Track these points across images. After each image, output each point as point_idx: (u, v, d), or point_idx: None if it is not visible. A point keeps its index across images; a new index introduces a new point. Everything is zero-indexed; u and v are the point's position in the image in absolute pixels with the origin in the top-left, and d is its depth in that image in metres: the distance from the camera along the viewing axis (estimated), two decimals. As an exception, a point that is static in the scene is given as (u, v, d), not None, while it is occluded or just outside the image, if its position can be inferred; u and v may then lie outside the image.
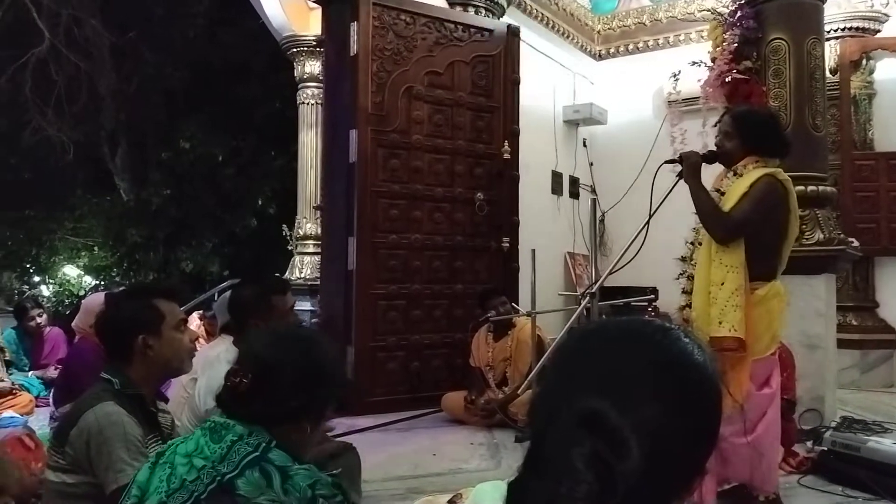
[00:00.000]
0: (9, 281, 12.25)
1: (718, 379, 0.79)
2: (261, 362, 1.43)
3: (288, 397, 1.40)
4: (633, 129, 6.53)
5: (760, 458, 2.64)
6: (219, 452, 1.34)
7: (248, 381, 1.40)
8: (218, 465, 1.32)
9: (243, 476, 1.30)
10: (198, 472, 1.32)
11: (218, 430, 1.38)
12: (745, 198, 2.64)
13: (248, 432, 1.36)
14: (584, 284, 6.17)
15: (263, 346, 1.48)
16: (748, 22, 4.27)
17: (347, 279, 4.61)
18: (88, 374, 3.59)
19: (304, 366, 1.44)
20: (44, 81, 10.08)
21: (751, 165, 2.73)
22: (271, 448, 1.35)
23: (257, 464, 1.32)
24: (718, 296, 2.61)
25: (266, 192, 11.05)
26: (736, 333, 2.56)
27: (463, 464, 3.48)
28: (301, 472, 1.34)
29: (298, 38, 6.55)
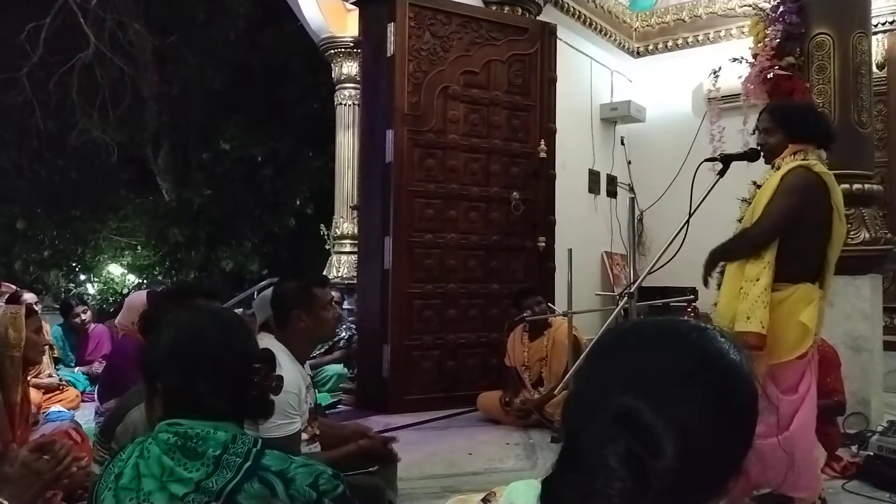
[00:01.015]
0: (55, 279, 12.57)
1: (754, 379, 0.79)
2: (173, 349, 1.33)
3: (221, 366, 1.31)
4: (672, 127, 6.45)
5: (789, 462, 2.55)
6: (203, 471, 1.21)
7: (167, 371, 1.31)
8: (209, 486, 1.20)
9: (242, 491, 1.20)
10: (185, 500, 1.19)
11: (190, 447, 1.23)
12: (775, 194, 2.58)
13: (231, 437, 1.25)
14: (621, 284, 6.10)
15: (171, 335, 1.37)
16: (791, 17, 4.18)
17: (383, 278, 4.64)
18: (131, 370, 3.69)
19: (216, 333, 1.35)
20: (89, 85, 10.34)
21: (788, 158, 2.67)
22: (263, 452, 1.26)
23: (254, 474, 1.22)
24: (751, 291, 2.56)
25: (304, 193, 11.18)
26: (762, 330, 2.51)
27: (498, 463, 3.47)
28: (300, 472, 1.26)
29: (336, 39, 6.61)
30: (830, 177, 2.65)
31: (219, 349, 1.32)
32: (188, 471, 1.21)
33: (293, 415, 2.23)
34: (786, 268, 2.58)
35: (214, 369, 1.30)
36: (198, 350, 1.32)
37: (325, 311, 2.49)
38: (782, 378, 2.60)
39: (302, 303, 2.42)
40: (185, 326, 1.38)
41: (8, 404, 2.55)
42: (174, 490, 1.20)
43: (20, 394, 2.65)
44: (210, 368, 1.30)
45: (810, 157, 2.65)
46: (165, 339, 1.35)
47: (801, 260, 2.62)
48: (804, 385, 2.64)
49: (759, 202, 2.64)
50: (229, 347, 1.34)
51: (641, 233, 6.40)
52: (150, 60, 11.55)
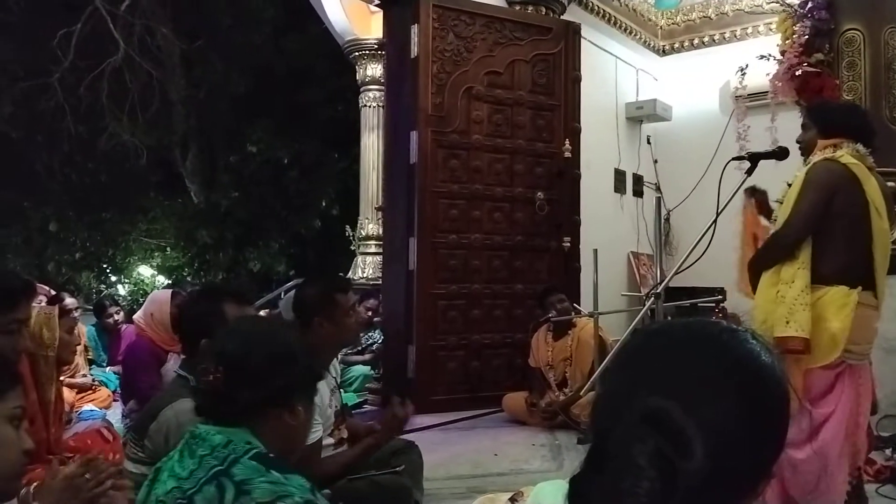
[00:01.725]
0: (87, 281, 12.80)
1: (786, 381, 0.78)
2: (229, 355, 1.41)
3: (266, 380, 1.37)
4: (698, 126, 6.39)
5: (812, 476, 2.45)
6: (188, 469, 1.28)
7: (220, 375, 1.36)
8: (184, 486, 1.26)
9: (201, 492, 1.24)
10: (168, 494, 1.28)
11: (191, 445, 1.32)
12: (800, 192, 2.51)
13: (225, 442, 1.30)
14: (648, 285, 6.05)
15: (227, 342, 1.46)
16: (820, 13, 4.13)
17: (408, 279, 4.65)
18: (143, 370, 3.75)
19: (275, 349, 1.43)
20: (119, 89, 10.51)
21: (819, 152, 2.63)
22: (240, 460, 1.27)
23: (216, 479, 1.24)
24: (787, 294, 2.46)
25: (329, 194, 11.26)
26: (803, 334, 2.41)
27: (524, 464, 3.47)
28: (262, 487, 1.23)
29: (360, 41, 6.66)
30: (861, 167, 2.52)
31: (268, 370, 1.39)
32: (182, 468, 1.29)
33: (314, 424, 2.24)
34: (819, 268, 2.48)
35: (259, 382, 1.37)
36: (293, 361, 1.42)
37: (347, 317, 2.46)
38: (811, 386, 2.49)
39: (324, 309, 2.40)
40: (241, 342, 1.45)
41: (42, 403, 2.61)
42: (168, 484, 1.28)
43: (54, 392, 2.71)
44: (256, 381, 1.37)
45: (841, 151, 2.58)
46: (224, 347, 1.44)
47: (835, 260, 2.49)
48: (833, 398, 2.49)
49: (788, 202, 2.57)
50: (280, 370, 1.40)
51: (668, 232, 6.34)
52: (177, 65, 11.72)
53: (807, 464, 2.44)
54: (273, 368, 1.38)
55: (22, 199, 12.07)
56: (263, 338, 1.47)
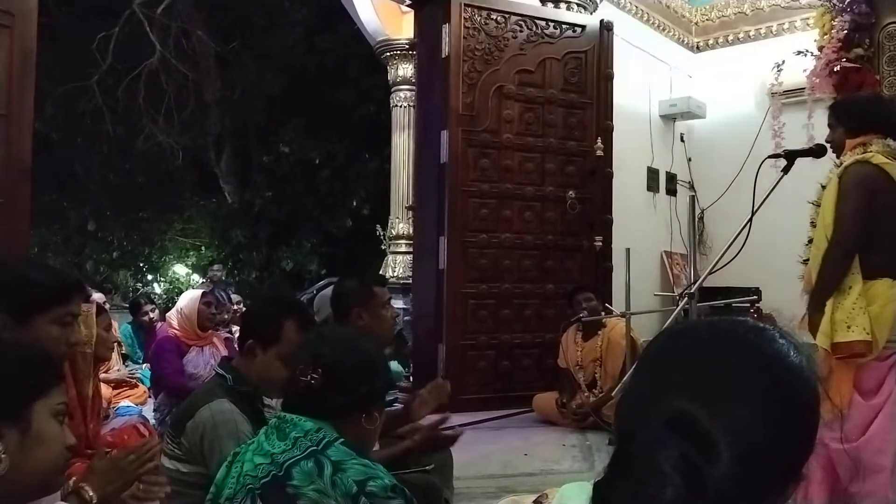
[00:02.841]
0: (124, 279, 13.07)
1: (817, 382, 0.76)
2: (327, 359, 1.52)
3: (355, 387, 1.50)
4: (733, 123, 6.29)
5: (862, 470, 2.46)
6: (281, 448, 1.40)
7: (318, 377, 1.48)
8: (278, 460, 1.38)
9: (298, 465, 1.36)
10: (256, 468, 1.39)
11: (283, 428, 1.45)
12: (838, 199, 2.51)
13: (316, 428, 1.43)
14: (681, 284, 5.98)
15: (324, 346, 1.58)
16: (860, 6, 4.03)
17: (438, 278, 4.66)
18: (166, 361, 3.99)
19: (362, 358, 1.56)
20: (155, 91, 10.69)
21: (849, 153, 2.59)
22: (333, 444, 1.40)
23: (313, 456, 1.37)
24: (845, 301, 2.47)
25: (360, 194, 11.33)
26: (867, 336, 2.42)
27: (555, 465, 3.45)
28: (355, 468, 1.37)
29: (392, 41, 6.68)
30: (894, 167, 2.54)
31: (356, 379, 1.52)
32: (271, 446, 1.42)
33: None
34: (865, 263, 2.49)
35: (350, 388, 1.50)
36: (378, 372, 1.57)
37: (384, 309, 2.53)
38: (865, 379, 2.51)
39: (362, 300, 2.46)
40: (334, 350, 1.57)
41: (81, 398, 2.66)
42: (256, 460, 1.41)
43: (92, 388, 2.76)
44: (345, 389, 1.49)
45: (871, 149, 2.55)
46: (314, 350, 1.57)
47: (879, 256, 2.52)
48: (886, 389, 2.52)
49: (826, 207, 2.57)
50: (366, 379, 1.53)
51: (702, 231, 6.26)
52: (212, 66, 11.88)
53: (863, 456, 2.43)
54: (361, 376, 1.52)
55: (62, 200, 12.36)
56: (354, 347, 1.61)
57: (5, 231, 2.98)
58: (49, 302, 1.82)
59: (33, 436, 1.17)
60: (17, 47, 2.99)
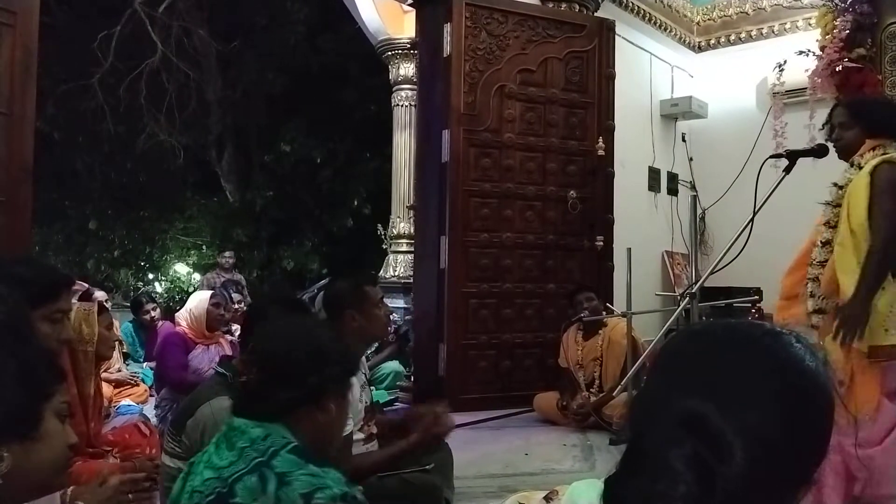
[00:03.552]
0: (125, 278, 13.05)
1: (831, 386, 0.76)
2: (265, 355, 1.46)
3: (301, 379, 1.41)
4: (735, 123, 6.29)
5: (883, 474, 2.42)
6: (228, 460, 1.32)
7: (255, 375, 1.42)
8: (223, 475, 1.30)
9: (241, 481, 1.28)
10: (203, 484, 1.31)
11: (231, 437, 1.36)
12: (875, 198, 2.44)
13: (263, 435, 1.34)
14: (682, 284, 5.98)
15: (264, 342, 1.51)
16: (862, 6, 4.04)
17: (439, 277, 4.66)
18: (170, 356, 4.05)
19: (307, 349, 1.46)
20: (157, 90, 10.68)
21: (868, 154, 2.56)
22: (279, 453, 1.31)
23: (258, 469, 1.29)
24: (880, 302, 2.42)
25: (361, 193, 11.32)
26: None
27: (556, 464, 3.45)
28: (301, 480, 1.27)
29: (393, 41, 6.68)
30: None
31: (303, 370, 1.42)
32: (220, 458, 1.33)
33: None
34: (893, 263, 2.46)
35: (294, 382, 1.41)
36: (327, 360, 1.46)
37: (377, 308, 2.52)
38: (889, 382, 2.47)
39: (354, 302, 2.44)
40: (279, 343, 1.50)
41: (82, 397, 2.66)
42: (205, 474, 1.32)
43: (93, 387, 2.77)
44: (291, 383, 1.41)
45: (890, 151, 2.54)
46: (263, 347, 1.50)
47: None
48: None
49: (857, 206, 2.50)
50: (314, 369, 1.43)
51: (704, 231, 6.26)
52: (213, 65, 11.87)
53: (884, 460, 2.40)
54: (306, 368, 1.42)
55: (63, 198, 12.34)
56: (298, 338, 1.51)
57: (6, 229, 2.99)
58: (38, 299, 1.79)
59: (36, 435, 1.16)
60: (18, 46, 2.99)
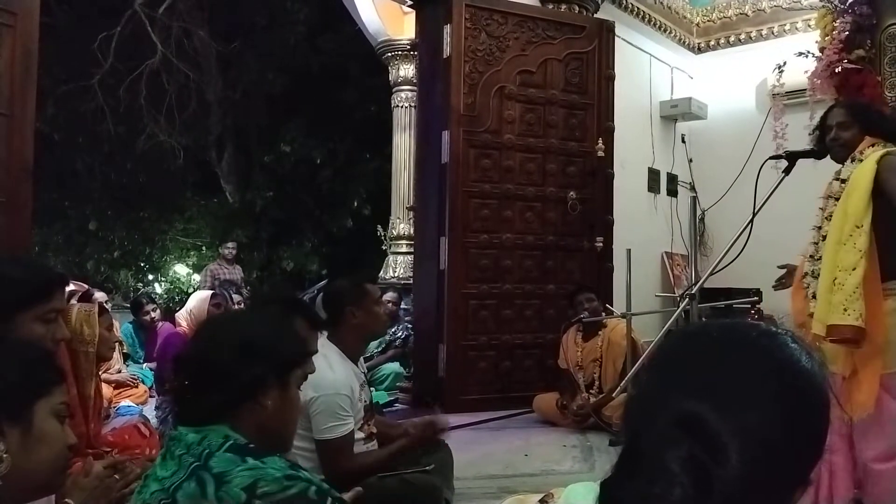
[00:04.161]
0: (125, 279, 13.07)
1: (827, 387, 0.76)
2: (192, 360, 1.40)
3: (230, 378, 1.33)
4: (734, 124, 6.29)
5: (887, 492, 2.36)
6: (170, 470, 1.29)
7: (177, 383, 1.37)
8: (165, 485, 1.27)
9: (181, 489, 1.24)
10: (151, 496, 1.28)
11: (171, 448, 1.32)
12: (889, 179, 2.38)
13: (199, 439, 1.29)
14: (682, 285, 5.98)
15: (189, 347, 1.45)
16: (862, 8, 4.04)
17: (439, 278, 4.66)
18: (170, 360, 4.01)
19: (234, 343, 1.38)
20: (157, 91, 10.68)
21: (868, 149, 2.56)
22: (215, 454, 1.27)
23: (196, 473, 1.25)
24: (847, 281, 2.34)
25: (361, 194, 11.33)
26: (860, 323, 2.30)
27: (555, 465, 3.45)
28: (240, 476, 1.24)
29: (393, 42, 6.68)
30: None
31: (231, 368, 1.35)
32: (164, 470, 1.29)
33: (345, 416, 2.25)
34: (885, 263, 2.40)
35: (222, 383, 1.34)
36: (258, 352, 1.37)
37: (377, 305, 2.54)
38: (893, 385, 2.40)
39: (355, 299, 2.46)
40: (204, 343, 1.43)
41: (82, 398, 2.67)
42: (152, 487, 1.28)
43: (93, 388, 2.77)
44: (220, 384, 1.34)
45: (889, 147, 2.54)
46: (187, 351, 1.43)
47: None
48: None
49: (856, 188, 2.45)
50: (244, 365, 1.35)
51: (703, 233, 6.26)
52: (213, 66, 11.87)
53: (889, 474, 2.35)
54: (232, 366, 1.34)
55: (63, 199, 12.35)
56: (225, 333, 1.44)
57: (6, 229, 2.99)
58: (31, 299, 1.77)
59: (35, 435, 1.17)
60: (18, 46, 2.99)
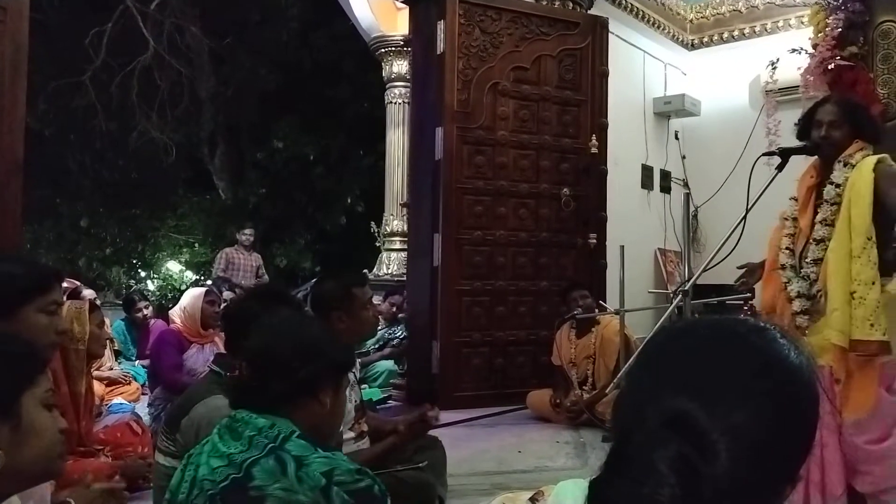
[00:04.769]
0: (117, 276, 13.00)
1: (817, 384, 0.75)
2: (254, 349, 1.50)
3: (292, 370, 1.43)
4: (727, 121, 6.31)
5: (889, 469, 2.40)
6: (237, 448, 1.35)
7: (244, 368, 1.47)
8: (236, 460, 1.32)
9: (258, 464, 1.31)
10: (213, 472, 1.33)
11: (235, 427, 1.39)
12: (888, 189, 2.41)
13: (270, 425, 1.37)
14: (675, 282, 6.00)
15: (256, 336, 1.55)
16: (854, 4, 4.04)
17: (433, 275, 4.66)
18: (165, 355, 4.00)
19: (297, 340, 1.50)
20: (149, 87, 10.62)
21: (858, 155, 2.57)
22: (291, 439, 1.35)
23: (274, 453, 1.32)
24: (868, 296, 2.39)
25: (355, 191, 11.31)
26: (886, 338, 2.37)
27: (549, 462, 3.45)
28: (318, 461, 1.33)
29: (386, 38, 6.67)
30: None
31: (294, 362, 1.45)
32: (226, 447, 1.36)
33: None
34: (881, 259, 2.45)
35: (285, 374, 1.43)
36: (318, 352, 1.48)
37: (365, 310, 2.47)
38: (889, 377, 2.45)
39: (342, 304, 2.40)
40: (269, 338, 1.54)
41: (73, 395, 2.66)
42: (213, 463, 1.35)
43: (84, 385, 2.75)
44: (283, 375, 1.43)
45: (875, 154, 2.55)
46: (251, 342, 1.53)
47: (889, 252, 2.50)
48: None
49: (858, 200, 2.46)
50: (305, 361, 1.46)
51: (696, 229, 6.28)
52: (206, 62, 11.81)
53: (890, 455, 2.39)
54: (298, 360, 1.45)
55: (55, 196, 12.28)
56: (290, 331, 1.55)
57: (-3, 227, 2.97)
58: (30, 292, 1.82)
59: (25, 428, 1.16)
60: (9, 42, 2.97)
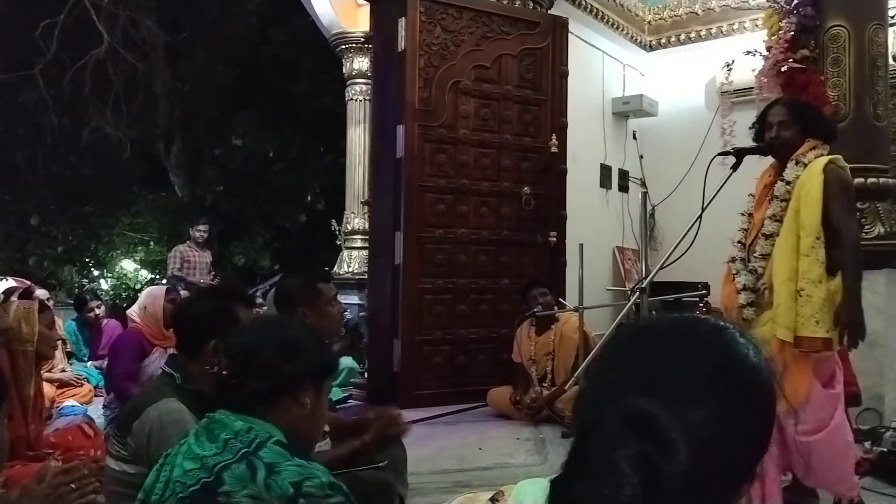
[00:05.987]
0: (69, 275, 12.66)
1: (774, 381, 0.76)
2: (237, 346, 1.49)
3: (274, 369, 1.42)
4: (684, 121, 6.41)
5: (837, 457, 2.52)
6: (211, 450, 1.33)
7: (224, 367, 1.44)
8: (208, 464, 1.31)
9: (229, 469, 1.29)
10: (185, 474, 1.32)
11: (212, 429, 1.37)
12: (834, 199, 2.52)
13: (247, 428, 1.35)
14: (633, 279, 6.08)
15: (237, 336, 1.54)
16: (806, 9, 4.15)
17: (394, 273, 4.64)
18: (120, 361, 3.81)
19: (280, 340, 1.49)
20: (102, 82, 10.36)
21: (811, 154, 2.64)
22: (265, 445, 1.33)
23: (246, 458, 1.31)
24: (815, 294, 2.48)
25: (315, 188, 11.21)
26: (830, 335, 2.47)
27: (509, 458, 3.47)
28: (289, 469, 1.31)
29: (347, 34, 6.62)
30: (848, 170, 2.64)
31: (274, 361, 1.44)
32: (201, 449, 1.34)
33: None
34: (830, 258, 2.54)
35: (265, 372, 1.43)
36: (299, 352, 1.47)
37: (330, 306, 2.47)
38: (820, 372, 2.55)
39: (307, 299, 2.39)
40: (251, 336, 1.53)
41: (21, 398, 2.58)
42: (186, 465, 1.33)
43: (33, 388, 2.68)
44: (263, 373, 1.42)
45: (828, 154, 2.62)
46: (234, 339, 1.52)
47: (834, 253, 2.57)
48: (838, 378, 2.60)
49: (807, 203, 2.54)
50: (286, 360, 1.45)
51: (653, 227, 6.37)
52: (162, 57, 11.57)
53: (827, 445, 2.48)
54: (279, 358, 1.44)
55: (3, 193, 11.92)
56: (271, 331, 1.55)
57: (-60, 224, 2.86)
58: None
59: None
60: (-48, 32, 2.86)
